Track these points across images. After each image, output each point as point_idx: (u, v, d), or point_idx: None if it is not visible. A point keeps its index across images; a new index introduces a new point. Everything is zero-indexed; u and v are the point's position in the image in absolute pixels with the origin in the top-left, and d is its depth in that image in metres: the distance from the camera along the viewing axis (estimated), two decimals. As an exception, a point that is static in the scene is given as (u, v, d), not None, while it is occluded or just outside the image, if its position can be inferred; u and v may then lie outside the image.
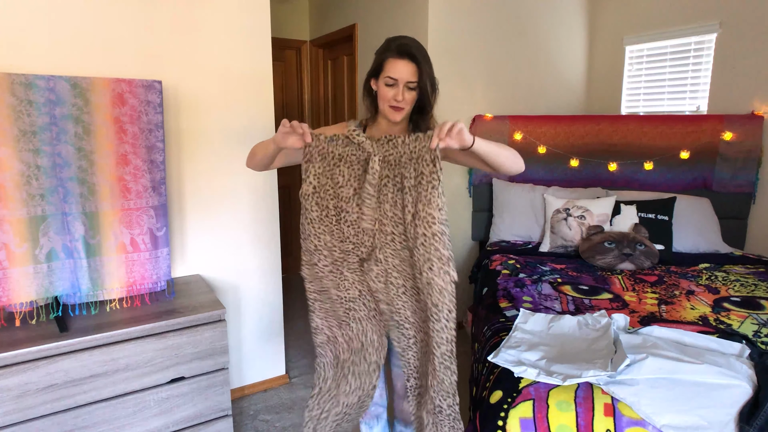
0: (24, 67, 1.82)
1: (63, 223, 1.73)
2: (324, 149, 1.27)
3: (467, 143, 1.23)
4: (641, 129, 3.04)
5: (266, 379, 2.64)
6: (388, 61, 1.36)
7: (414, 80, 1.35)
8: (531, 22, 3.36)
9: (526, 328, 1.74)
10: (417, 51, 1.35)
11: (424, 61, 1.36)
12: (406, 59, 1.34)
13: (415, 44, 1.38)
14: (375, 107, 1.47)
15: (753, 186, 2.86)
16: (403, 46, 1.35)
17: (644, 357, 1.41)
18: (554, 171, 3.18)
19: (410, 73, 1.35)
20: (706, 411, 1.25)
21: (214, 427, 1.90)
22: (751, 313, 1.89)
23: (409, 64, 1.34)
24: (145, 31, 2.04)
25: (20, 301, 1.69)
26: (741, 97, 2.90)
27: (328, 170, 1.27)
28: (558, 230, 2.78)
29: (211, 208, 2.32)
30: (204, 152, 2.26)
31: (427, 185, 1.19)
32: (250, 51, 2.32)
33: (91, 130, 1.74)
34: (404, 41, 1.37)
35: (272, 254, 2.55)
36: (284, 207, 4.35)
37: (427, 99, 1.39)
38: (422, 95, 1.39)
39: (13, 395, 1.52)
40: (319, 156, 1.27)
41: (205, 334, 1.82)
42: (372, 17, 3.36)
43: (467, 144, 1.23)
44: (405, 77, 1.35)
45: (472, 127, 3.18)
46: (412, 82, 1.36)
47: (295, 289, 4.12)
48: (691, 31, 3.12)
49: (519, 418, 1.32)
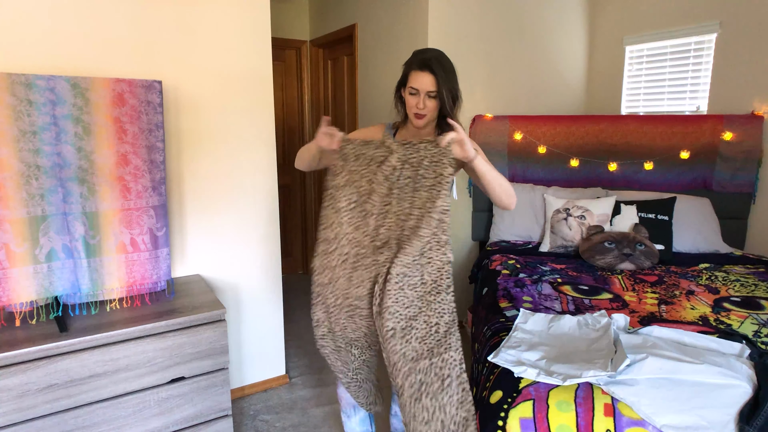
0: (24, 67, 1.82)
1: (63, 223, 1.73)
2: (358, 151, 1.43)
3: (469, 156, 1.38)
4: (641, 129, 3.04)
5: (266, 379, 2.64)
6: (411, 73, 1.52)
7: (434, 90, 1.49)
8: (531, 23, 3.36)
9: (526, 328, 1.74)
10: (436, 63, 1.48)
11: (442, 73, 1.48)
12: (426, 71, 1.48)
13: (436, 57, 1.50)
14: (405, 112, 1.63)
15: (753, 186, 2.86)
16: (423, 60, 1.49)
17: (644, 357, 1.41)
18: (554, 171, 3.18)
19: (430, 84, 1.49)
20: (706, 411, 1.25)
21: (214, 427, 1.90)
22: (751, 313, 1.89)
23: (429, 76, 1.48)
24: (145, 31, 2.04)
25: (20, 301, 1.69)
26: (741, 97, 2.90)
27: (360, 169, 1.43)
28: (558, 230, 2.78)
29: (211, 208, 2.32)
30: (204, 152, 2.27)
31: (445, 184, 1.35)
32: (250, 51, 2.32)
33: (91, 130, 1.74)
34: (426, 55, 1.51)
35: (272, 254, 2.55)
36: (284, 207, 4.35)
37: (447, 107, 1.52)
38: (441, 104, 1.52)
39: (13, 395, 1.52)
40: (353, 156, 1.43)
41: (205, 334, 1.82)
42: (372, 17, 3.36)
43: (469, 157, 1.38)
44: (425, 87, 1.49)
45: (472, 127, 3.19)
46: (432, 91, 1.49)
47: (295, 289, 4.12)
48: (691, 31, 3.12)
49: (519, 418, 1.32)
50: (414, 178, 1.38)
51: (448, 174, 1.35)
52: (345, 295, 1.47)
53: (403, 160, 1.39)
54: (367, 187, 1.41)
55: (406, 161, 1.39)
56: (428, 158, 1.37)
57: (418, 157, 1.37)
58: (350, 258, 1.43)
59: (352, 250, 1.43)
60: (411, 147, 1.39)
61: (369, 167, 1.42)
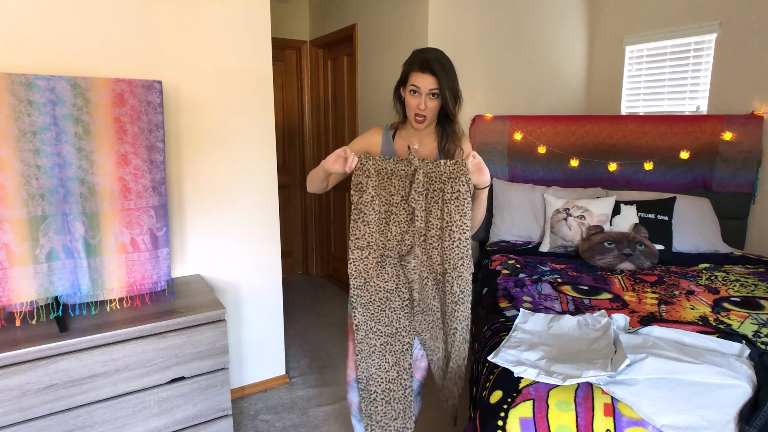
0: (24, 67, 1.82)
1: (63, 223, 1.73)
2: (379, 166, 1.51)
3: (486, 182, 1.48)
4: (641, 129, 3.04)
5: (266, 379, 2.64)
6: (412, 73, 1.51)
7: (436, 89, 1.49)
8: (531, 22, 3.36)
9: (526, 328, 1.74)
10: (436, 64, 1.48)
11: (443, 73, 1.48)
12: (428, 72, 1.48)
13: (437, 57, 1.50)
14: (404, 112, 1.62)
15: (753, 186, 2.86)
16: (424, 61, 1.49)
17: (644, 357, 1.41)
18: (554, 171, 3.18)
19: (431, 83, 1.49)
20: (706, 411, 1.25)
21: (214, 427, 1.90)
22: (751, 313, 1.89)
23: (429, 77, 1.48)
24: (145, 31, 2.04)
25: (20, 301, 1.69)
26: (741, 97, 2.91)
27: (382, 182, 1.52)
28: (558, 230, 2.78)
29: (211, 208, 2.32)
30: (204, 152, 2.27)
31: (463, 200, 1.47)
32: (250, 51, 2.32)
33: (91, 130, 1.74)
34: (427, 55, 1.50)
35: (272, 254, 2.55)
36: (284, 207, 4.35)
37: (449, 107, 1.53)
38: (444, 103, 1.53)
39: (13, 395, 1.52)
40: (375, 172, 1.51)
41: (205, 334, 1.82)
42: (372, 17, 3.36)
43: (485, 182, 1.48)
44: (426, 87, 1.49)
45: (472, 127, 3.19)
46: (434, 90, 1.49)
47: (295, 289, 4.12)
48: (691, 31, 3.12)
49: (519, 418, 1.32)
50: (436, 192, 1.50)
51: (465, 191, 1.47)
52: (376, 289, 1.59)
53: (427, 175, 1.49)
54: (392, 200, 1.52)
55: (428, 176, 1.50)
56: (447, 173, 1.47)
57: (438, 173, 1.48)
58: (379, 259, 1.57)
59: (383, 254, 1.57)
60: (432, 164, 1.48)
61: (391, 180, 1.51)
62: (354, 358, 1.74)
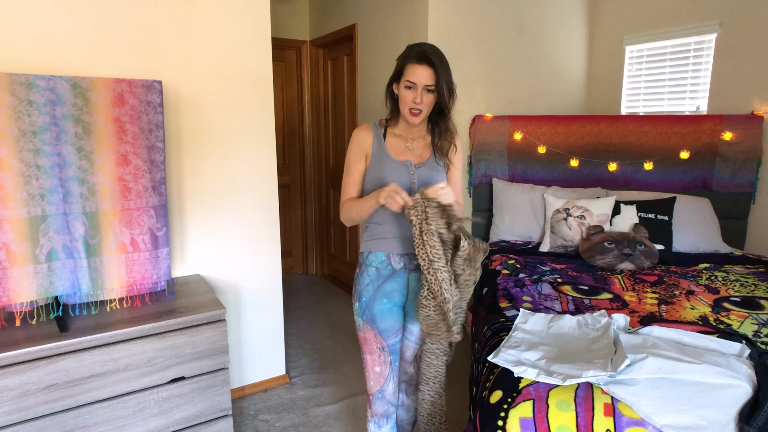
0: (24, 67, 1.82)
1: (63, 223, 1.73)
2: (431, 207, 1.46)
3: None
4: (641, 129, 3.04)
5: (266, 379, 2.64)
6: (407, 66, 1.49)
7: (432, 83, 1.47)
8: (531, 23, 3.36)
9: (526, 327, 1.74)
10: (434, 56, 1.46)
11: (441, 66, 1.46)
12: (425, 64, 1.46)
13: (434, 50, 1.48)
14: (397, 109, 1.60)
15: (753, 186, 2.86)
16: (421, 53, 1.46)
17: (644, 357, 1.41)
18: (554, 171, 3.18)
19: (428, 77, 1.46)
20: (706, 411, 1.25)
21: (214, 427, 1.90)
22: (751, 313, 1.89)
23: (427, 69, 1.46)
24: (145, 31, 2.04)
25: (20, 301, 1.69)
26: (741, 97, 2.91)
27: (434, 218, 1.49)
28: (558, 230, 2.78)
29: (211, 208, 2.32)
30: (204, 152, 2.27)
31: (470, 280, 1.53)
32: (250, 51, 2.32)
33: (92, 130, 1.74)
34: (423, 48, 1.48)
35: (272, 254, 2.55)
36: (284, 207, 4.35)
37: (445, 101, 1.51)
38: (440, 98, 1.50)
39: (13, 395, 1.52)
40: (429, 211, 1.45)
41: (205, 334, 1.82)
42: (372, 17, 3.36)
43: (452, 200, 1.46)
44: (423, 81, 1.46)
45: (472, 127, 3.19)
46: (430, 85, 1.47)
47: (295, 289, 4.12)
48: (691, 31, 3.12)
49: (519, 418, 1.32)
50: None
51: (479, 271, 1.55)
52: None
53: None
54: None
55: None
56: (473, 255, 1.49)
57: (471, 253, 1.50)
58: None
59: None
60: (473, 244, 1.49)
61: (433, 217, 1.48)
62: (374, 370, 1.70)
